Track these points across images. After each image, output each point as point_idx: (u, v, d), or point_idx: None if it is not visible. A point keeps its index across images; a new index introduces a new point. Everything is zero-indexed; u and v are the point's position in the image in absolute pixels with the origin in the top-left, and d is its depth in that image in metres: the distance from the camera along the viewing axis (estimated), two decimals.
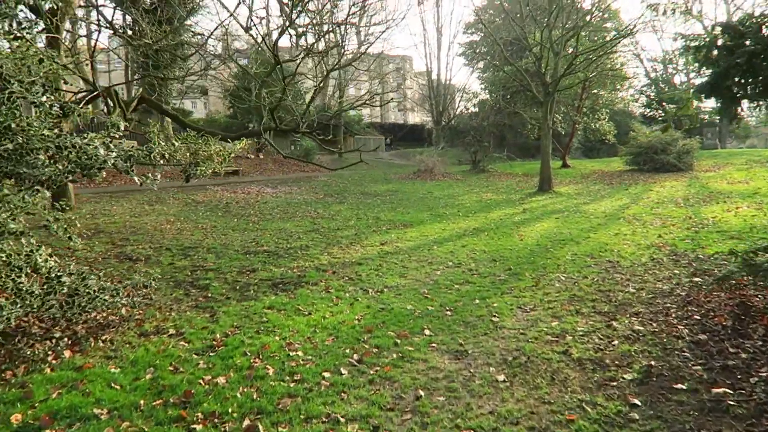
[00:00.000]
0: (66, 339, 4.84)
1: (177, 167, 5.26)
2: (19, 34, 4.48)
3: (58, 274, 4.53)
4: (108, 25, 12.25)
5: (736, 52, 5.21)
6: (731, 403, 3.60)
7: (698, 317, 5.27)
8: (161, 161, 4.59)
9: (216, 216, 13.19)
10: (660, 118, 47.76)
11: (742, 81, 5.44)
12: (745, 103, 6.23)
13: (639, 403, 3.72)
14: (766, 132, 59.38)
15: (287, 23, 7.96)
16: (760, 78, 5.24)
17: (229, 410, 3.70)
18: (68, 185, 10.09)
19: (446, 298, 6.60)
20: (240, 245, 9.83)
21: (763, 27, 5.20)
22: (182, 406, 3.76)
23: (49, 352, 4.54)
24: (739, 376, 3.98)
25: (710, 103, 58.85)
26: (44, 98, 4.27)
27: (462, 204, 16.78)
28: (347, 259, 8.85)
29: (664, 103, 50.44)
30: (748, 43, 5.23)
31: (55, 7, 8.36)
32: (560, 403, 3.77)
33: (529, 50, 19.74)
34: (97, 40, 9.93)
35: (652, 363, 4.27)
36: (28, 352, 4.51)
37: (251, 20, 8.00)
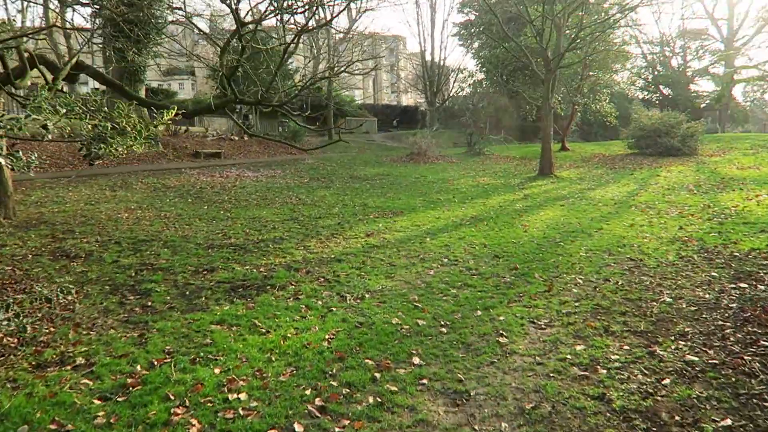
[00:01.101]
0: None
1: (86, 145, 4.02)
2: None
3: None
4: None
5: None
6: None
7: (767, 343, 4.07)
8: (48, 135, 3.31)
9: (185, 203, 11.86)
10: (657, 101, 46.62)
11: None
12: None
13: None
14: (763, 117, 58.52)
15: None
16: None
17: None
18: (2, 169, 8.71)
19: (441, 307, 5.37)
20: (204, 237, 8.53)
21: None
22: None
23: None
24: None
25: (708, 87, 57.75)
26: None
27: (457, 189, 15.52)
28: (325, 255, 7.59)
29: (661, 86, 49.29)
30: None
31: None
32: None
33: (530, 22, 18.29)
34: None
35: (729, 422, 3.06)
36: None
37: None
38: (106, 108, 4.11)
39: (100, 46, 21.38)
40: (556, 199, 13.29)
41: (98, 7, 12.31)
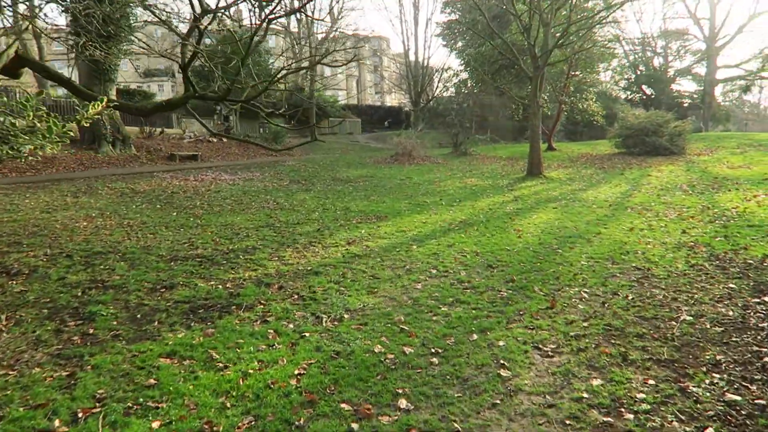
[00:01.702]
0: None
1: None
2: None
3: None
4: None
5: None
6: None
7: None
8: None
9: (152, 209, 11.00)
10: (639, 101, 46.64)
11: None
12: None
13: None
14: (743, 116, 59.06)
15: None
16: None
17: None
18: None
19: (431, 329, 4.67)
20: (168, 248, 7.72)
21: None
22: None
23: None
24: None
25: (690, 87, 58.17)
26: None
27: (444, 191, 14.87)
28: (302, 267, 6.84)
29: (643, 86, 49.37)
30: None
31: None
32: None
33: (518, 17, 17.73)
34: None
35: None
36: None
37: None
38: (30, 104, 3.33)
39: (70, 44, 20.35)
40: (548, 200, 12.70)
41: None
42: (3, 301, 5.30)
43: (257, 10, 7.53)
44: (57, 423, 3.13)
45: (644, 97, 47.40)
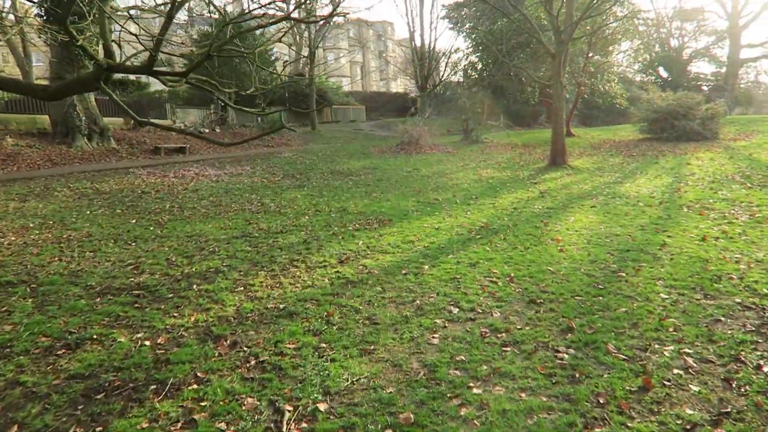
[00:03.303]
0: None
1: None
2: None
3: None
4: None
5: None
6: None
7: None
8: None
9: (109, 216, 9.18)
10: (656, 83, 44.17)
11: None
12: None
13: None
14: (764, 99, 56.34)
15: None
16: None
17: None
18: None
19: None
20: (103, 274, 5.89)
21: None
22: None
23: None
24: None
25: (707, 68, 55.54)
26: None
27: (457, 185, 12.94)
28: (272, 304, 4.98)
29: (659, 69, 46.86)
30: None
31: None
32: None
33: None
34: None
35: None
36: None
37: None
38: None
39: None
40: (581, 197, 10.74)
41: None
42: None
43: None
44: None
45: (659, 80, 45.04)
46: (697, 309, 4.52)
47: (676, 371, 3.49)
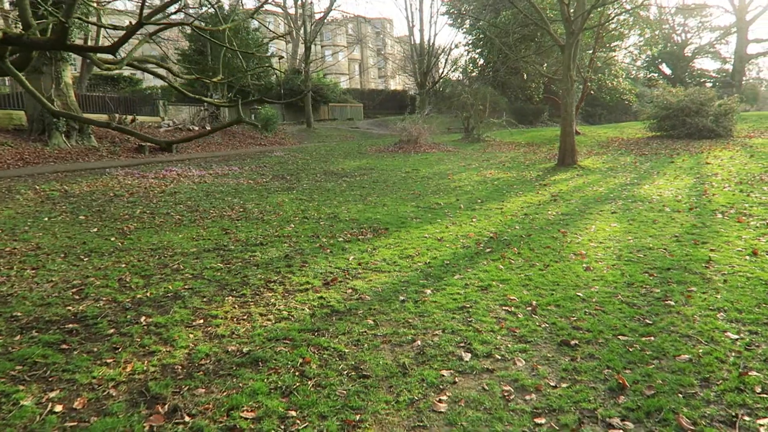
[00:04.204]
0: None
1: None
2: None
3: None
4: None
5: None
6: None
7: None
8: None
9: (69, 223, 8.12)
10: (659, 80, 43.07)
11: None
12: None
13: None
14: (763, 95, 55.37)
15: None
16: None
17: None
18: None
19: None
20: (38, 299, 4.84)
21: None
22: None
23: None
24: None
25: (710, 65, 54.52)
26: None
27: (460, 187, 11.91)
28: (235, 345, 3.93)
29: (662, 66, 45.87)
30: None
31: None
32: None
33: None
34: None
35: None
36: None
37: None
38: None
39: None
40: (598, 200, 9.72)
41: None
42: None
43: None
44: None
45: (662, 76, 44.07)
46: None
47: None
